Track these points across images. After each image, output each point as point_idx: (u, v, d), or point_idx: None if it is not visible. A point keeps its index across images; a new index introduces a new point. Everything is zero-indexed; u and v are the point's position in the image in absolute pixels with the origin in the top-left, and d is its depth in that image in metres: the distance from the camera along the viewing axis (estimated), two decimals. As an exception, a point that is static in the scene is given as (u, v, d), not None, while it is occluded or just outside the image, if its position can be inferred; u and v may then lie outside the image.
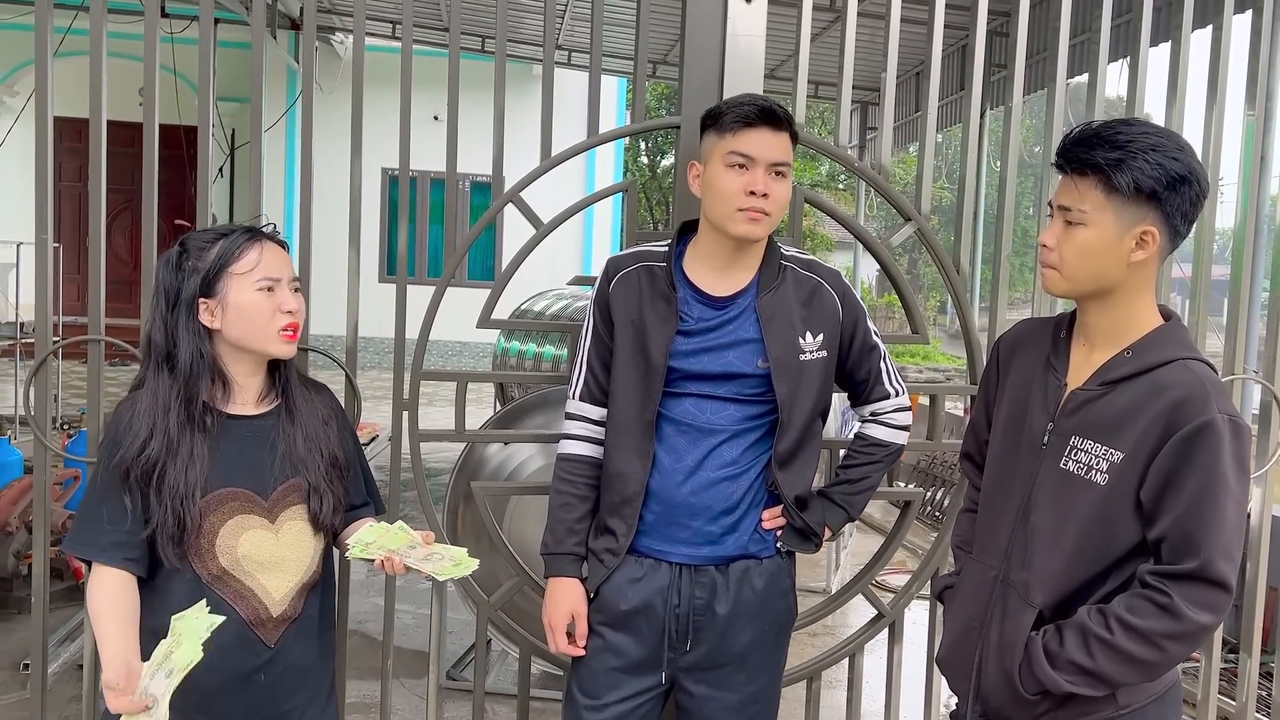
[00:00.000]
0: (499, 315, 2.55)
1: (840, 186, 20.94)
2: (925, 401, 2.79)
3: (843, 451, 2.24)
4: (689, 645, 1.99)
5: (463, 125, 2.54)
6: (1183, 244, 1.69)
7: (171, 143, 5.15)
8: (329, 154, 3.72)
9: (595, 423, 2.07)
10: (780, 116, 1.91)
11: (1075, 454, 1.63)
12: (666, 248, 2.03)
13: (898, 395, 2.13)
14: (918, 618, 3.27)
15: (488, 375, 3.43)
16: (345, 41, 11.37)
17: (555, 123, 2.56)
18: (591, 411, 2.07)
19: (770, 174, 1.90)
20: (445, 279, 2.48)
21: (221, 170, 10.84)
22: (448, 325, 3.03)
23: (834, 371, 2.06)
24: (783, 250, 2.03)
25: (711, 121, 1.95)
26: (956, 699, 1.83)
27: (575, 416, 2.09)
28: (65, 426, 6.60)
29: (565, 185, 6.72)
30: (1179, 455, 1.53)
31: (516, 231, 2.54)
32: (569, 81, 9.84)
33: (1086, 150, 1.58)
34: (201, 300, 1.75)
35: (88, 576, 1.76)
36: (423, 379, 2.49)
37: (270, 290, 1.77)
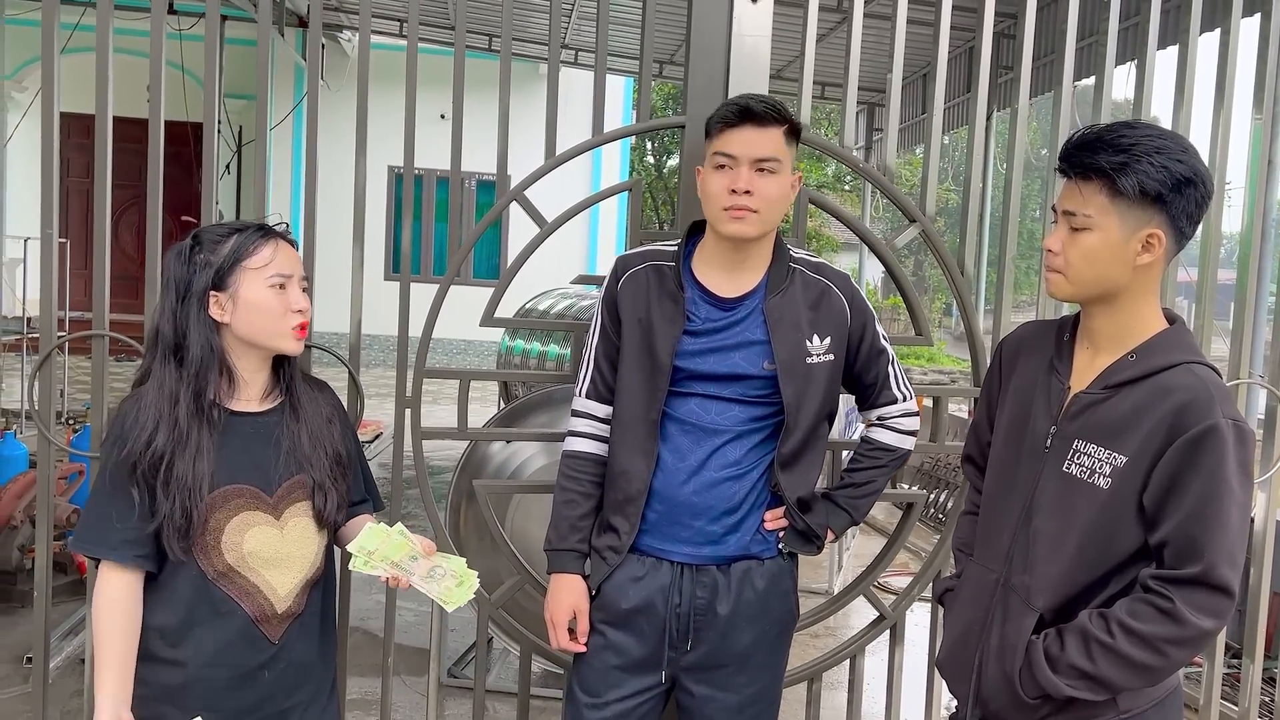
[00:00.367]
0: (503, 314, 2.55)
1: (846, 188, 20.92)
2: (929, 403, 2.79)
3: (846, 454, 2.24)
4: (690, 645, 1.99)
5: (468, 124, 2.54)
6: (1189, 248, 1.69)
7: (178, 140, 5.15)
8: (335, 151, 3.72)
9: (601, 420, 2.07)
10: (765, 113, 1.90)
11: (1078, 457, 1.63)
12: (675, 247, 2.04)
13: (905, 400, 2.12)
14: (919, 620, 3.26)
15: (490, 373, 3.44)
16: (352, 39, 11.38)
17: (560, 123, 2.55)
18: (597, 409, 2.07)
19: (754, 171, 1.89)
20: (450, 275, 2.48)
21: (229, 167, 10.85)
22: (452, 324, 3.04)
23: (841, 375, 2.06)
24: (792, 253, 2.03)
25: (706, 126, 1.97)
26: (956, 702, 1.82)
27: (581, 414, 2.09)
28: (70, 421, 6.62)
29: (570, 186, 6.72)
30: (1183, 459, 1.52)
31: (521, 232, 2.55)
32: (575, 81, 9.85)
33: (1090, 154, 1.58)
34: (212, 293, 1.75)
35: (93, 573, 1.76)
36: (426, 376, 2.49)
37: (282, 288, 1.77)
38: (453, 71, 2.51)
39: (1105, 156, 1.56)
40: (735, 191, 1.88)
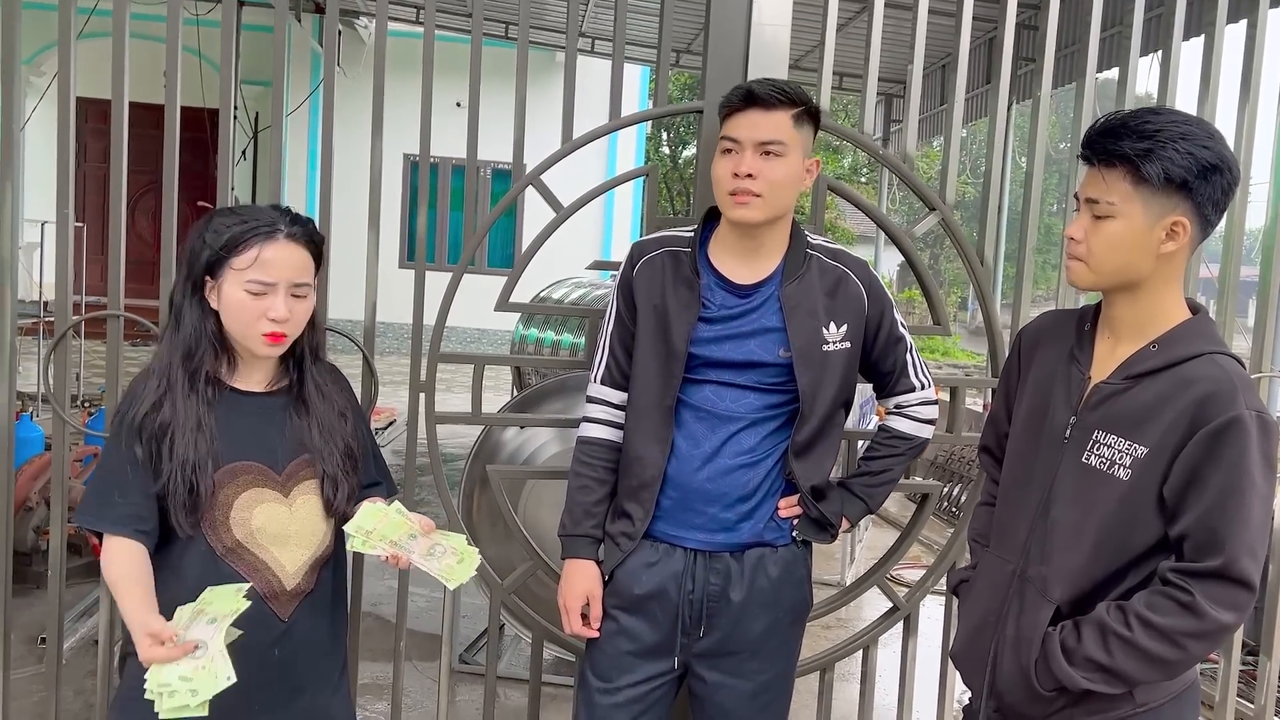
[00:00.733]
0: (518, 301, 2.55)
1: (863, 179, 20.83)
2: (945, 396, 2.77)
3: (862, 443, 2.22)
4: (702, 631, 1.99)
5: (484, 112, 2.53)
6: (1211, 243, 1.66)
7: (195, 125, 5.16)
8: (351, 138, 3.72)
9: (616, 406, 2.06)
10: (769, 96, 1.88)
11: (1098, 448, 1.61)
12: (691, 233, 2.02)
13: (924, 388, 2.11)
14: (932, 612, 3.25)
15: (504, 358, 3.44)
16: (369, 26, 11.38)
17: (577, 111, 2.54)
18: (612, 395, 2.07)
19: (758, 154, 1.88)
20: (464, 260, 2.48)
21: (245, 153, 10.87)
22: (466, 311, 3.03)
23: (858, 363, 2.04)
24: (809, 239, 2.02)
25: (718, 113, 1.96)
26: (970, 694, 1.81)
27: (596, 400, 2.09)
28: (86, 404, 6.65)
29: (586, 173, 6.70)
30: (1205, 451, 1.50)
31: (537, 219, 2.54)
32: (591, 70, 9.80)
33: (1114, 140, 1.55)
34: (207, 278, 1.75)
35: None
36: (440, 361, 2.49)
37: (258, 295, 1.72)
38: (470, 59, 2.50)
39: (1129, 143, 1.53)
40: (738, 175, 1.87)
